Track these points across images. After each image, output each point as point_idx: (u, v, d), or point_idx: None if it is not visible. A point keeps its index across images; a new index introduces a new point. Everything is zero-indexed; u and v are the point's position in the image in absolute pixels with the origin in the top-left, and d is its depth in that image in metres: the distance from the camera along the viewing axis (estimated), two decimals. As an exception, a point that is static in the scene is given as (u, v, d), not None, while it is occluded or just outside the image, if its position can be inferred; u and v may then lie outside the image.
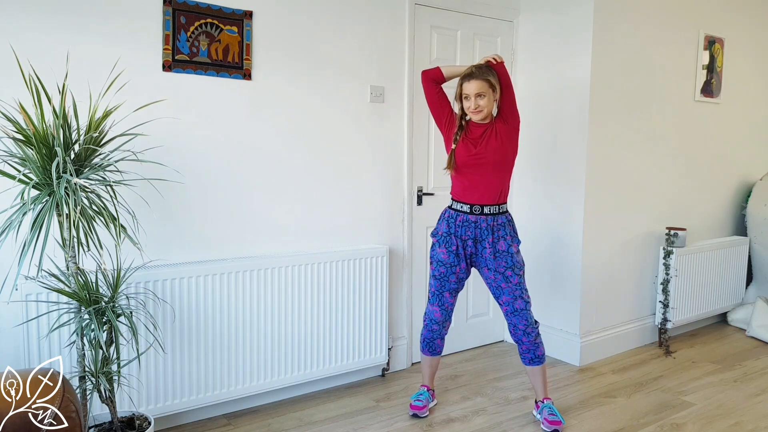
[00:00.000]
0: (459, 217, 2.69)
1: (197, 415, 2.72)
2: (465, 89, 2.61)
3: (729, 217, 4.51)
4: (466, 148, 2.65)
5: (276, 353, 2.84)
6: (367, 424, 2.75)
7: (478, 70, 2.61)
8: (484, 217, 2.66)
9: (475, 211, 2.67)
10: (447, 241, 2.71)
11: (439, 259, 2.73)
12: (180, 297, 2.57)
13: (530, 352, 2.73)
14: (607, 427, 2.75)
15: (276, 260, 2.80)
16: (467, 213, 2.68)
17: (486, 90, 2.59)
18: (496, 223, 2.67)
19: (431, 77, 2.72)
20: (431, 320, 2.80)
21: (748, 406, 2.99)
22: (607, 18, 3.41)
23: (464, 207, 2.69)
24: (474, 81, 2.58)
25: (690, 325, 4.21)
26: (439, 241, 2.73)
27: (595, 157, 3.46)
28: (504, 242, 2.67)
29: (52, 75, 2.19)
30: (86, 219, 1.98)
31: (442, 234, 2.73)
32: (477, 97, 2.59)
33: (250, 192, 2.84)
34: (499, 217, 2.68)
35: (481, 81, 2.58)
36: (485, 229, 2.66)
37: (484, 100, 2.60)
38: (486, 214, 2.66)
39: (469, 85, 2.59)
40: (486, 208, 2.66)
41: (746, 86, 4.45)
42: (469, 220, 2.67)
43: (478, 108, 2.60)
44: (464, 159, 2.65)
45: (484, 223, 2.66)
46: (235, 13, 2.71)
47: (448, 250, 2.70)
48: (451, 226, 2.71)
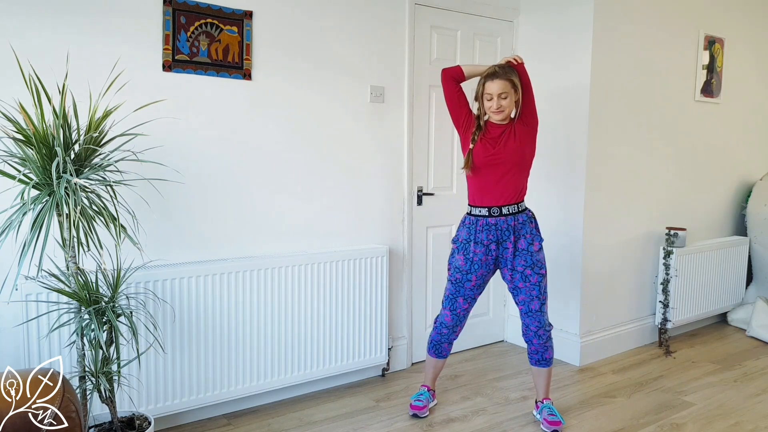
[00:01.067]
0: (479, 222, 2.67)
1: (197, 415, 2.73)
2: (488, 89, 2.58)
3: (729, 217, 4.51)
4: (484, 148, 2.63)
5: (276, 353, 2.84)
6: (367, 424, 2.75)
7: (502, 70, 2.58)
8: (504, 218, 2.64)
9: (494, 213, 2.64)
10: (465, 249, 2.69)
11: (456, 265, 2.71)
12: (180, 297, 2.57)
13: (538, 354, 2.73)
14: (607, 427, 2.75)
15: (276, 260, 2.80)
16: (486, 216, 2.65)
17: (509, 90, 2.57)
18: (517, 222, 2.65)
19: (451, 75, 2.69)
20: (441, 324, 2.79)
21: (748, 406, 2.99)
22: (607, 18, 3.41)
23: (482, 211, 2.66)
24: (498, 81, 2.56)
25: (690, 325, 4.21)
26: (459, 248, 2.72)
27: (595, 157, 3.46)
28: (524, 240, 2.65)
29: (52, 75, 2.19)
30: (86, 219, 1.98)
31: (462, 241, 2.71)
32: (500, 97, 2.57)
33: (250, 192, 2.84)
34: (519, 215, 2.66)
35: (504, 81, 2.56)
36: (506, 230, 2.64)
37: (507, 100, 2.58)
38: (505, 214, 2.64)
39: (493, 84, 2.57)
40: (504, 209, 2.64)
41: (746, 86, 4.46)
42: (489, 223, 2.65)
43: (500, 108, 2.58)
44: (482, 159, 2.63)
45: (504, 224, 2.64)
46: (235, 13, 2.71)
47: (465, 257, 2.68)
48: (471, 232, 2.68)
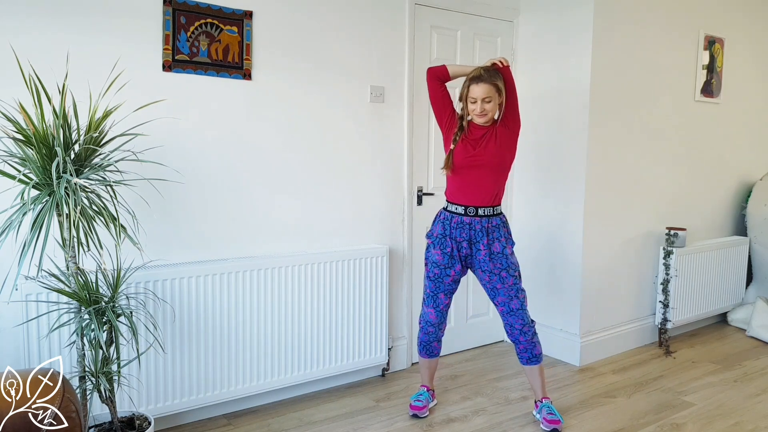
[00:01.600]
0: (454, 218, 2.68)
1: (197, 415, 2.73)
2: (472, 92, 2.58)
3: (729, 217, 4.51)
4: (464, 149, 2.64)
5: (276, 353, 2.84)
6: (367, 424, 2.75)
7: (487, 74, 2.58)
8: (479, 219, 2.65)
9: (470, 212, 2.66)
10: (442, 243, 2.70)
11: (434, 260, 2.73)
12: (180, 297, 2.57)
13: (527, 351, 2.73)
14: (607, 427, 2.75)
15: (276, 260, 2.80)
16: (462, 215, 2.67)
17: (493, 94, 2.57)
18: (490, 225, 2.67)
19: (436, 75, 2.70)
20: (427, 322, 2.80)
21: (748, 406, 2.99)
22: (607, 18, 3.41)
23: (459, 208, 2.68)
24: (482, 84, 2.56)
25: (690, 325, 4.21)
26: (434, 242, 2.73)
27: (595, 157, 3.46)
28: (499, 244, 2.66)
29: (52, 75, 2.19)
30: (86, 219, 1.98)
31: (437, 236, 2.72)
32: (483, 101, 2.57)
33: (250, 192, 2.84)
34: (493, 218, 2.68)
35: (489, 85, 2.56)
36: (480, 230, 2.65)
37: (490, 104, 2.58)
38: (480, 215, 2.65)
39: (477, 88, 2.56)
40: (480, 210, 2.65)
41: (746, 86, 4.45)
42: (464, 221, 2.66)
43: (483, 112, 2.59)
44: (461, 160, 2.64)
45: (479, 225, 2.65)
46: (235, 13, 2.71)
47: (442, 252, 2.70)
48: (446, 227, 2.70)
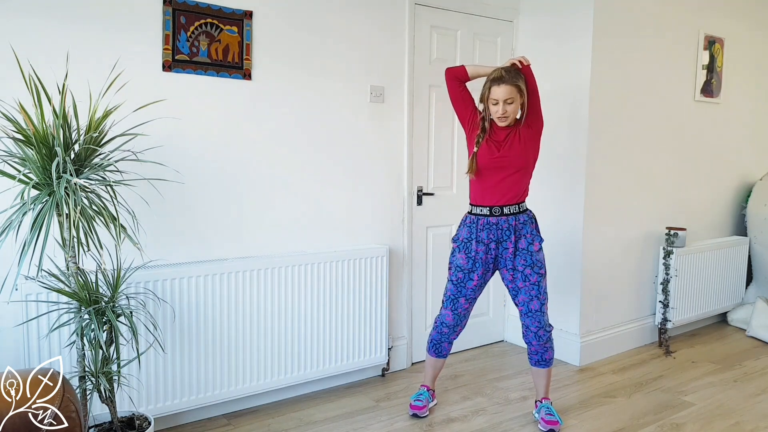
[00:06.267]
0: (480, 220, 2.66)
1: (197, 415, 2.73)
2: (494, 94, 2.54)
3: (729, 217, 4.51)
4: (489, 150, 2.62)
5: (276, 353, 2.84)
6: (367, 424, 2.75)
7: (508, 75, 2.54)
8: (505, 218, 2.64)
9: (495, 212, 2.64)
10: (467, 247, 2.69)
11: (458, 264, 2.71)
12: (180, 297, 2.57)
13: (538, 354, 2.73)
14: (607, 427, 2.75)
15: (276, 260, 2.80)
16: (487, 216, 2.65)
17: (515, 95, 2.54)
18: (518, 222, 2.65)
19: (455, 75, 2.68)
20: (442, 323, 2.78)
21: (748, 406, 2.99)
22: (607, 18, 3.41)
23: (484, 210, 2.66)
24: (504, 86, 2.52)
25: (690, 325, 4.21)
26: (459, 246, 2.71)
27: (595, 157, 3.46)
28: (525, 240, 2.65)
29: (52, 75, 2.19)
30: (86, 219, 1.98)
31: (462, 240, 2.71)
32: (505, 102, 2.54)
33: (250, 192, 2.84)
34: (520, 216, 2.66)
35: (511, 86, 2.52)
36: (506, 229, 2.64)
37: (512, 105, 2.56)
38: (506, 214, 2.64)
39: (499, 90, 2.53)
40: (506, 209, 2.64)
41: (746, 86, 4.45)
42: (490, 222, 2.65)
43: (505, 113, 2.56)
44: (486, 162, 2.62)
45: (505, 224, 2.64)
46: (235, 13, 2.71)
47: (467, 256, 2.68)
48: (472, 231, 2.68)
